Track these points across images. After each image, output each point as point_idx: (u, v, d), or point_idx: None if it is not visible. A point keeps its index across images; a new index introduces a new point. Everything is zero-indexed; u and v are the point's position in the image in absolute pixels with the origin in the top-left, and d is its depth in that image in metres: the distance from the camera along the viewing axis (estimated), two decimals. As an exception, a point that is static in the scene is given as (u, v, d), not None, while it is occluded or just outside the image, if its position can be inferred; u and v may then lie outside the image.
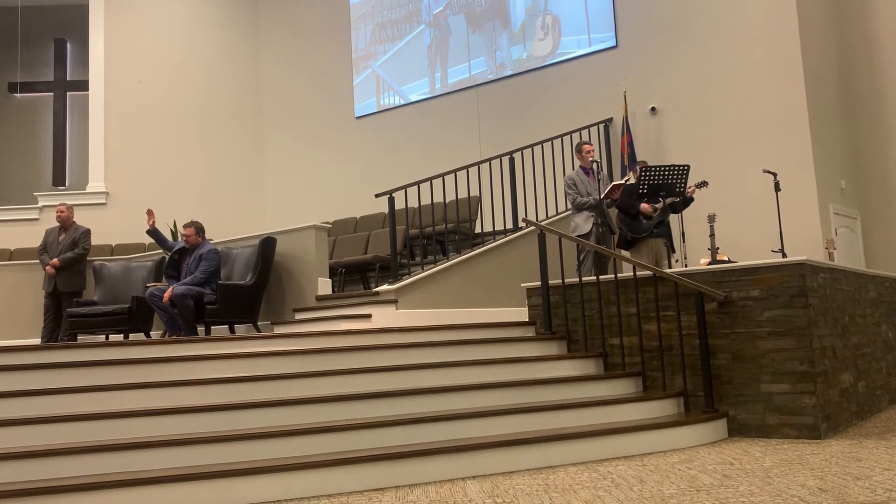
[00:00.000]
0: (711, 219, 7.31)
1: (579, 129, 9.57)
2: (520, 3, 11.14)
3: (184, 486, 3.80)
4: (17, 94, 14.33)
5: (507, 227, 8.87)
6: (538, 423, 4.84)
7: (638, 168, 7.24)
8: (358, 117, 12.87)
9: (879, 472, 3.92)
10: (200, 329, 7.56)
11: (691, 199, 7.37)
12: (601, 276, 6.08)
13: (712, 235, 7.22)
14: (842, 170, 9.37)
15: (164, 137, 13.26)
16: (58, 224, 8.82)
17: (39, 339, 8.62)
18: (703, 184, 7.35)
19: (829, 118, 9.22)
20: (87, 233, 8.72)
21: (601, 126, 9.97)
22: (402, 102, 12.32)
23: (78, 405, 4.60)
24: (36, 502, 3.61)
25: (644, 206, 7.11)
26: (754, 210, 8.76)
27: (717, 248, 7.26)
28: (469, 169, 8.61)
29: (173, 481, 3.79)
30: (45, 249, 8.71)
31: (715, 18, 9.37)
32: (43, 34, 14.48)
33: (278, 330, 7.28)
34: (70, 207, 8.87)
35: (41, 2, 14.43)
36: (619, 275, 5.94)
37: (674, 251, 7.31)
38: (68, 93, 14.32)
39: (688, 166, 6.84)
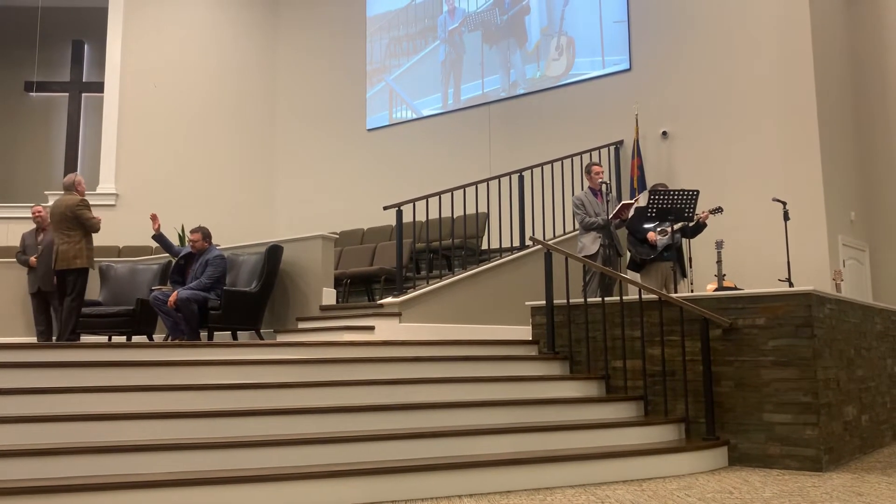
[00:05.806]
0: (719, 245, 7.29)
1: (590, 150, 9.58)
2: (535, 22, 11.20)
3: (180, 491, 3.79)
4: (33, 94, 14.47)
5: (513, 245, 8.87)
6: (537, 444, 4.82)
7: (648, 191, 7.26)
8: (369, 129, 12.92)
9: (881, 507, 3.87)
10: (203, 334, 7.56)
11: (704, 226, 7.37)
12: (606, 298, 6.06)
13: (719, 262, 7.19)
14: (852, 201, 9.34)
15: (176, 142, 13.33)
16: (34, 226, 8.91)
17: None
18: (718, 210, 7.34)
19: (840, 149, 9.21)
20: None
21: (612, 148, 9.98)
22: (414, 117, 12.36)
23: (78, 405, 4.60)
24: (33, 501, 3.60)
25: (650, 234, 7.18)
26: (762, 238, 8.74)
27: (724, 275, 7.24)
28: (478, 185, 8.62)
29: (170, 486, 3.78)
30: (23, 251, 8.82)
31: (729, 46, 9.39)
32: (61, 35, 14.63)
33: (281, 338, 7.26)
34: (46, 209, 8.88)
35: (60, 3, 14.59)
36: (624, 297, 5.93)
37: (684, 276, 7.29)
38: (83, 94, 14.46)
39: (697, 191, 6.83)
